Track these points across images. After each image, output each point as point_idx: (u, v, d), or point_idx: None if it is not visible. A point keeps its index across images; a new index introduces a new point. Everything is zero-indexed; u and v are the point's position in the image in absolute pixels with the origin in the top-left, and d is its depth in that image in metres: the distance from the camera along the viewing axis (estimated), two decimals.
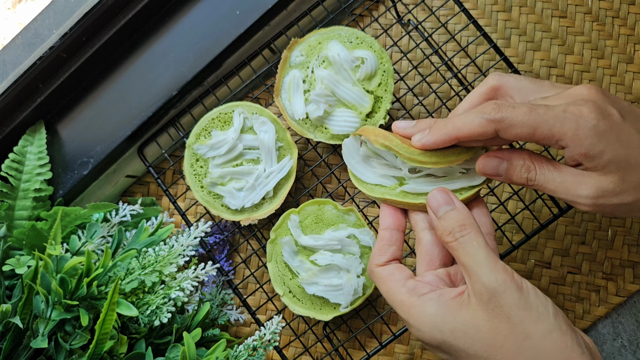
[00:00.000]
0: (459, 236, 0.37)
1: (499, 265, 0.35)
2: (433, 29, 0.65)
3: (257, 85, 0.68)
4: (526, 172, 0.39)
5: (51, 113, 0.61)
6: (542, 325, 0.33)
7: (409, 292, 0.38)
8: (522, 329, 0.33)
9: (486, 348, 0.34)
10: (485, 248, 0.36)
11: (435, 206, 0.39)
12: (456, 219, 0.37)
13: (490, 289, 0.34)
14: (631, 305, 0.63)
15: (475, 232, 0.37)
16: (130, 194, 0.69)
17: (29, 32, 0.58)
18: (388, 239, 0.41)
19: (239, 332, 0.66)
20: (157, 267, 0.52)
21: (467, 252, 0.36)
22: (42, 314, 0.49)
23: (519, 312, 0.34)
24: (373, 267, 0.41)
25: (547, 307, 0.34)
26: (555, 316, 0.34)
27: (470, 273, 0.36)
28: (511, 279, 0.34)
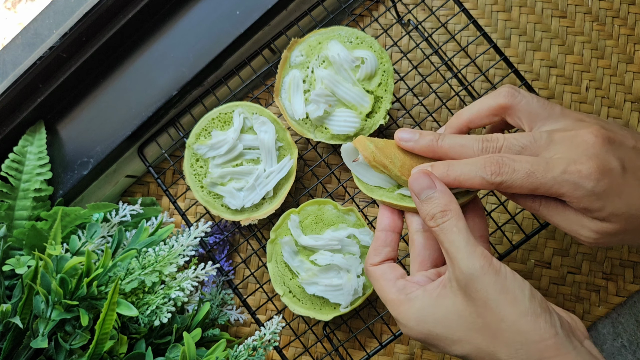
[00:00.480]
0: (440, 222, 0.38)
1: (478, 250, 0.36)
2: (433, 29, 0.65)
3: (257, 85, 0.68)
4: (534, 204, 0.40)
5: (51, 113, 0.61)
6: (517, 308, 0.35)
7: (398, 290, 0.40)
8: (499, 311, 0.35)
9: (468, 332, 0.36)
10: (465, 233, 0.37)
11: (417, 189, 0.39)
12: (438, 203, 0.38)
13: (468, 274, 0.36)
14: (631, 305, 0.63)
15: (456, 216, 0.38)
16: (130, 194, 0.69)
17: (29, 32, 0.58)
18: (383, 239, 0.43)
19: (239, 332, 0.66)
20: (157, 267, 0.52)
21: (448, 237, 0.37)
22: (42, 314, 0.49)
23: (495, 296, 0.35)
24: (368, 265, 0.43)
25: (524, 291, 0.35)
26: (530, 299, 0.35)
27: (451, 258, 0.37)
28: (489, 264, 0.36)
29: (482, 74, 0.61)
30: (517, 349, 0.34)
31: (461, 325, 0.36)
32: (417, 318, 0.38)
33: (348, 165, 0.45)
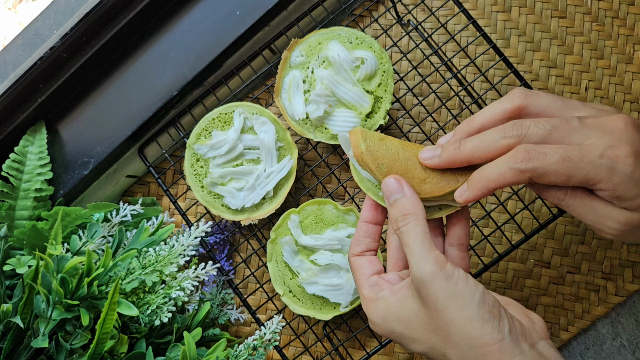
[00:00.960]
0: (401, 225, 0.39)
1: (431, 255, 0.37)
2: (433, 29, 0.65)
3: (257, 85, 0.68)
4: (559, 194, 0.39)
5: (52, 113, 0.61)
6: (465, 314, 0.35)
7: (369, 287, 0.41)
8: (447, 315, 0.36)
9: (424, 332, 0.38)
10: (421, 238, 0.37)
11: (387, 193, 0.41)
12: (401, 207, 0.39)
13: (419, 279, 0.37)
14: (630, 305, 0.64)
15: (415, 221, 0.38)
16: (130, 194, 0.69)
17: (30, 32, 0.58)
18: (364, 231, 0.44)
19: (239, 332, 0.66)
20: (158, 267, 0.52)
21: (405, 241, 0.38)
22: (42, 314, 0.49)
23: (444, 301, 0.36)
24: (350, 255, 0.44)
25: (474, 297, 0.36)
26: (479, 305, 0.35)
27: (409, 262, 0.38)
28: (440, 269, 0.36)
29: (482, 74, 0.61)
30: (465, 351, 0.36)
31: (419, 326, 0.38)
32: (382, 316, 0.40)
33: (344, 150, 0.46)
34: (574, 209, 0.39)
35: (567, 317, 0.64)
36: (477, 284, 0.37)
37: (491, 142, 0.39)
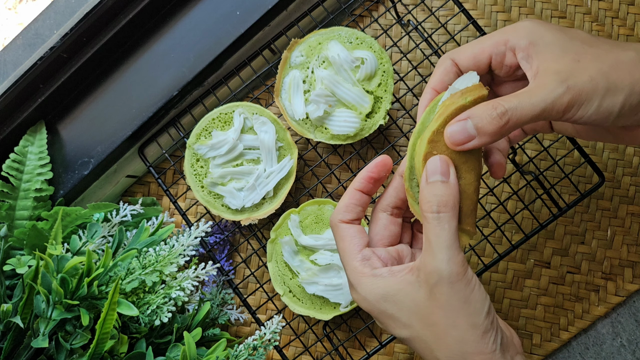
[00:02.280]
0: (436, 212, 0.37)
1: (459, 257, 0.36)
2: (433, 30, 0.65)
3: (258, 85, 0.68)
4: (493, 110, 0.37)
5: (52, 113, 0.61)
6: (472, 320, 0.36)
7: (363, 259, 0.40)
8: (454, 318, 0.36)
9: (418, 322, 0.38)
10: (454, 235, 0.37)
11: (430, 170, 0.38)
12: (443, 194, 0.37)
13: (441, 276, 0.36)
14: (630, 305, 0.64)
15: (453, 215, 0.37)
16: (130, 193, 0.69)
17: (30, 32, 0.58)
18: (357, 199, 0.42)
19: (239, 332, 0.66)
20: (158, 267, 0.52)
21: (435, 231, 0.37)
22: (42, 314, 0.49)
23: (457, 304, 0.36)
24: (337, 221, 0.42)
25: (483, 307, 0.36)
26: (486, 316, 0.36)
27: (430, 251, 0.37)
28: (464, 273, 0.36)
29: None
30: (455, 354, 0.36)
31: (415, 314, 0.38)
32: (378, 295, 0.39)
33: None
34: (520, 109, 0.37)
35: (567, 317, 0.64)
36: (486, 295, 0.37)
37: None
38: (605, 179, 0.58)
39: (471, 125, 0.37)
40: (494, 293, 0.65)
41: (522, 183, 0.65)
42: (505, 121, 0.36)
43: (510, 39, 0.40)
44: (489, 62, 0.41)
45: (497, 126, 0.36)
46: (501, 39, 0.40)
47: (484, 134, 0.37)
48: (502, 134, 0.37)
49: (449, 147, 0.38)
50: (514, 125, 0.36)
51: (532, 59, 0.39)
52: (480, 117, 0.36)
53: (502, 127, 0.36)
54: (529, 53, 0.39)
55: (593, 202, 0.64)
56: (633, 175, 0.64)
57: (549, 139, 0.65)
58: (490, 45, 0.40)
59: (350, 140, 0.59)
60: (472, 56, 0.41)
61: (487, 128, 0.36)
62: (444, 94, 0.40)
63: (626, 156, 0.65)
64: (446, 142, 0.38)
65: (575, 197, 0.63)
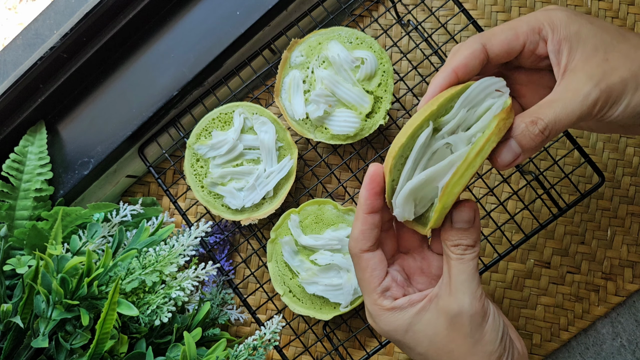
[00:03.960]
0: (462, 252, 0.39)
1: (479, 293, 0.38)
2: (433, 30, 0.65)
3: (258, 85, 0.68)
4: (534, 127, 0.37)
5: (52, 113, 0.61)
6: (488, 348, 0.38)
7: (383, 291, 0.40)
8: (471, 346, 0.38)
9: (437, 350, 0.39)
10: (475, 273, 0.39)
11: (457, 219, 0.39)
12: (470, 236, 0.39)
13: (463, 310, 0.38)
14: (630, 305, 0.64)
15: (476, 255, 0.39)
16: (130, 194, 0.69)
17: (30, 32, 0.58)
18: (371, 222, 0.40)
19: (239, 332, 0.66)
20: (158, 267, 0.52)
21: (460, 269, 0.38)
22: (42, 314, 0.49)
23: (475, 334, 0.38)
24: (357, 250, 0.41)
25: (498, 333, 0.39)
26: (501, 341, 0.39)
27: (451, 286, 0.38)
28: (481, 307, 0.38)
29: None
30: None
31: (433, 343, 0.39)
32: (397, 327, 0.40)
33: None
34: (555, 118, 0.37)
35: (567, 317, 0.64)
36: (501, 319, 0.39)
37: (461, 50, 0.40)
38: (605, 179, 0.58)
39: (515, 144, 0.37)
40: (494, 293, 0.65)
41: (522, 183, 0.65)
42: (547, 135, 0.37)
43: (544, 28, 0.39)
44: (521, 51, 0.40)
45: (539, 141, 0.37)
46: (536, 26, 0.39)
47: (528, 149, 0.38)
48: (544, 144, 0.38)
49: (498, 169, 0.38)
50: (554, 135, 0.38)
51: (561, 55, 0.39)
52: (523, 135, 0.37)
53: (544, 142, 0.37)
54: (560, 48, 0.39)
55: (593, 202, 0.64)
56: (633, 175, 0.64)
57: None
58: (525, 33, 0.40)
59: (350, 140, 0.59)
60: (506, 43, 0.40)
61: (530, 145, 0.37)
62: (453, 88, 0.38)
63: (626, 156, 0.65)
64: (499, 168, 0.38)
65: (575, 197, 0.63)
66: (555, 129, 0.37)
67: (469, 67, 0.39)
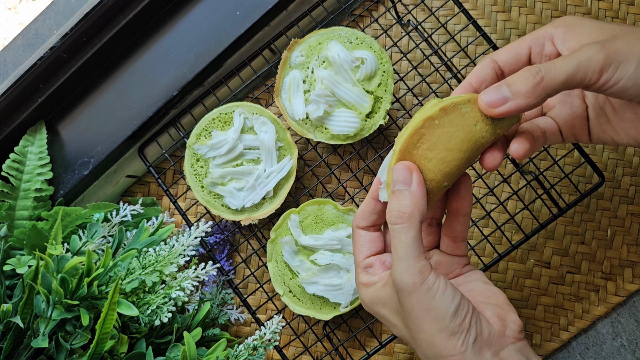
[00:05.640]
0: (394, 223, 0.38)
1: (416, 267, 0.37)
2: (433, 30, 0.65)
3: (258, 85, 0.68)
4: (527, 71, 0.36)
5: (52, 113, 0.61)
6: (436, 325, 0.37)
7: (365, 267, 0.42)
8: (419, 324, 0.37)
9: (400, 322, 0.39)
10: (410, 245, 0.37)
11: (394, 180, 0.38)
12: (400, 203, 0.38)
13: (399, 286, 0.37)
14: (630, 305, 0.64)
15: (410, 225, 0.37)
16: (130, 193, 0.69)
17: (30, 32, 0.58)
18: (372, 207, 0.42)
19: (239, 332, 0.66)
20: (158, 267, 0.52)
21: (394, 242, 0.38)
22: (42, 314, 0.49)
23: (418, 311, 0.37)
24: (354, 225, 0.43)
25: (448, 309, 0.36)
26: (451, 318, 0.36)
27: (393, 262, 0.38)
28: (422, 281, 0.37)
29: None
30: (428, 355, 0.38)
31: (397, 315, 0.39)
32: (370, 299, 0.41)
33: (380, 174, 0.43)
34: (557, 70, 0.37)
35: (567, 317, 0.64)
36: (455, 294, 0.37)
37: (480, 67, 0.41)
38: (605, 179, 0.58)
39: (505, 87, 0.37)
40: None
41: (522, 183, 0.65)
42: (540, 79, 0.36)
43: (548, 29, 0.40)
44: (529, 54, 0.41)
45: (531, 85, 0.36)
46: (540, 32, 0.41)
47: (519, 94, 0.36)
48: (537, 95, 0.36)
49: (485, 112, 0.37)
50: (549, 85, 0.36)
51: (569, 42, 0.39)
52: (514, 79, 0.36)
53: (537, 86, 0.36)
54: (566, 37, 0.39)
55: (593, 202, 0.64)
56: (633, 175, 0.64)
57: None
58: (529, 38, 0.41)
59: (350, 140, 0.59)
60: (510, 49, 0.41)
61: (521, 88, 0.36)
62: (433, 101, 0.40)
63: (626, 156, 0.64)
64: (481, 107, 0.37)
65: (575, 197, 0.63)
66: (550, 77, 0.35)
67: (480, 77, 0.41)
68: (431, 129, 0.38)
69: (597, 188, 0.58)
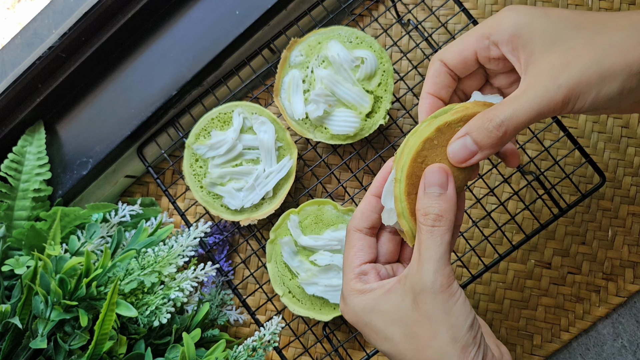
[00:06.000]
0: (431, 224, 0.37)
1: (447, 269, 0.36)
2: (433, 29, 0.65)
3: (257, 85, 0.68)
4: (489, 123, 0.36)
5: (50, 113, 0.61)
6: (453, 333, 0.36)
7: (359, 274, 0.40)
8: (435, 329, 0.36)
9: (401, 333, 0.37)
10: (445, 248, 0.37)
11: (429, 181, 0.38)
12: (439, 206, 0.37)
13: (426, 286, 0.36)
14: (631, 306, 0.63)
15: (447, 228, 0.37)
16: (129, 194, 0.69)
17: (28, 32, 0.58)
18: (374, 205, 0.41)
19: (239, 333, 0.66)
20: (157, 268, 0.52)
21: (427, 242, 0.37)
22: (41, 315, 0.49)
23: (439, 314, 0.36)
24: (351, 227, 0.42)
25: (466, 320, 0.36)
26: (468, 330, 0.36)
27: (419, 261, 0.37)
28: (448, 285, 0.36)
29: None
30: None
31: (397, 324, 0.37)
32: (364, 307, 0.39)
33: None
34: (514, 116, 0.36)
35: (568, 318, 0.63)
36: (472, 309, 0.37)
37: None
38: (606, 179, 0.58)
39: (470, 141, 0.37)
40: (495, 294, 0.64)
41: (523, 183, 0.64)
42: (503, 132, 0.36)
43: (492, 32, 0.39)
44: (476, 58, 0.40)
45: (495, 138, 0.36)
46: (484, 32, 0.39)
47: (485, 147, 0.37)
48: (503, 143, 0.37)
49: (454, 165, 0.38)
50: (513, 133, 0.36)
51: (518, 52, 0.38)
52: (478, 131, 0.37)
53: (501, 139, 0.36)
54: (513, 46, 0.38)
55: (594, 203, 0.64)
56: (634, 175, 0.64)
57: (549, 139, 0.65)
58: (474, 40, 0.39)
59: (350, 140, 0.59)
60: (457, 53, 0.40)
61: (486, 142, 0.36)
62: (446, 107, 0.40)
63: (627, 156, 0.64)
64: (450, 161, 0.38)
65: (576, 197, 0.63)
66: (513, 126, 0.36)
67: (437, 84, 0.41)
68: (432, 150, 0.38)
69: (598, 188, 0.58)
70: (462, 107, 0.39)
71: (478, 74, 0.43)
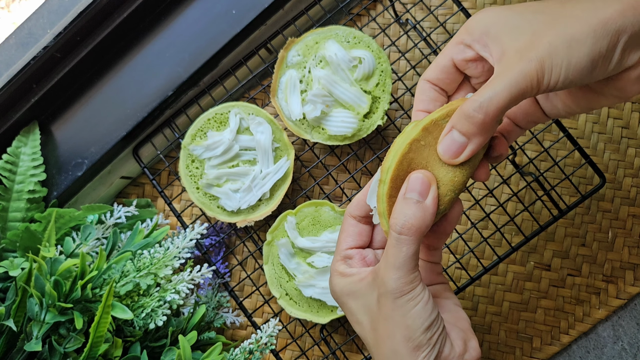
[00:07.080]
0: (400, 232, 0.37)
1: (409, 277, 0.37)
2: (431, 29, 0.65)
3: (254, 85, 0.67)
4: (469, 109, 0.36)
5: (45, 114, 0.61)
6: (406, 334, 0.37)
7: (344, 258, 0.41)
8: (391, 329, 0.37)
9: (368, 322, 0.39)
10: (410, 257, 0.37)
11: (411, 186, 0.38)
12: (412, 214, 0.37)
13: (387, 290, 0.37)
14: (632, 308, 0.63)
15: (415, 239, 0.37)
16: (125, 195, 0.68)
17: (23, 31, 0.58)
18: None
19: (235, 335, 0.66)
20: (152, 270, 0.52)
21: (392, 250, 0.37)
22: (36, 317, 0.48)
23: (396, 317, 0.37)
24: (348, 212, 0.43)
25: (424, 323, 0.37)
26: (423, 332, 0.37)
27: (385, 264, 0.37)
28: (409, 291, 0.37)
29: None
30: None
31: (366, 313, 0.39)
32: (343, 290, 0.40)
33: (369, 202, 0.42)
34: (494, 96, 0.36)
35: (568, 320, 0.63)
36: (434, 310, 0.37)
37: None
38: (606, 180, 0.58)
39: (457, 134, 0.37)
40: (494, 296, 0.64)
41: (522, 184, 0.64)
42: (484, 114, 0.36)
43: (464, 37, 0.40)
44: (454, 64, 0.41)
45: (479, 123, 0.36)
46: (458, 39, 0.40)
47: (472, 135, 0.37)
48: (490, 127, 0.36)
49: (449, 164, 0.38)
50: (495, 114, 0.36)
51: (489, 47, 0.38)
52: (461, 121, 0.37)
53: (485, 122, 0.36)
54: (484, 43, 0.39)
55: (594, 204, 0.64)
56: (634, 176, 0.64)
57: (549, 139, 0.64)
58: (449, 49, 0.41)
59: (347, 141, 0.59)
60: (434, 65, 0.41)
61: (471, 129, 0.36)
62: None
63: (627, 157, 0.64)
64: (444, 161, 0.38)
65: (575, 198, 0.63)
66: (494, 106, 0.36)
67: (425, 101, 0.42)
68: (418, 152, 0.38)
69: (598, 189, 0.57)
70: (446, 105, 0.39)
71: (465, 87, 0.43)
